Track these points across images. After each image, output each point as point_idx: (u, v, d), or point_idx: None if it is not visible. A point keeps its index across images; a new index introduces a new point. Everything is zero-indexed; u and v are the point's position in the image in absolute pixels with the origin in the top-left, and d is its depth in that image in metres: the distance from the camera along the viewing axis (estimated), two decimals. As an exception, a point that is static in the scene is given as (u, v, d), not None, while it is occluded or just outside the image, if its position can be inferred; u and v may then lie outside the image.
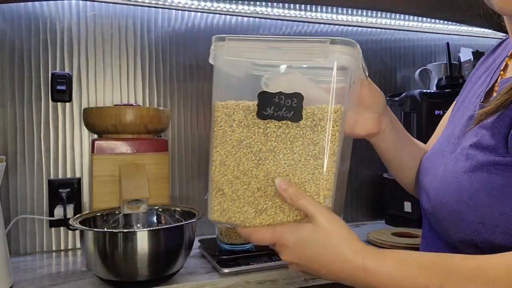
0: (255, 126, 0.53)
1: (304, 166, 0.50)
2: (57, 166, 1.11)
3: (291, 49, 0.52)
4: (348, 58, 0.50)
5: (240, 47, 0.57)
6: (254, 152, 0.54)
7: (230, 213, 0.57)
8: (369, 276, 0.45)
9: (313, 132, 0.50)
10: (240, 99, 0.55)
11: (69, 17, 1.12)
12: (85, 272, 0.91)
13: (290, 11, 1.33)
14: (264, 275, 0.88)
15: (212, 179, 0.61)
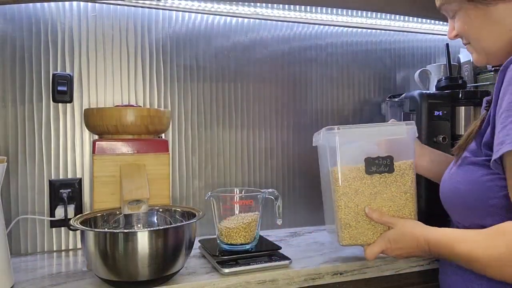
0: (365, 179, 0.86)
1: (399, 199, 0.86)
2: (58, 167, 1.11)
3: (383, 130, 0.90)
4: (414, 132, 0.88)
5: (350, 133, 0.88)
6: (366, 195, 0.86)
7: (356, 238, 0.87)
8: (432, 246, 0.73)
9: (402, 178, 0.86)
10: (351, 164, 0.87)
11: (70, 18, 1.13)
12: (86, 272, 0.91)
13: (290, 12, 1.33)
14: (264, 275, 0.88)
15: (340, 217, 0.87)
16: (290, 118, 1.36)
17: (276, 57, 1.35)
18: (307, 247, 1.10)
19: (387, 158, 0.86)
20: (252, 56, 1.32)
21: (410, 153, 0.87)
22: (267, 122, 1.34)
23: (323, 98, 1.41)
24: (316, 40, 1.40)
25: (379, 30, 1.48)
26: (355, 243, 0.87)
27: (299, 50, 1.38)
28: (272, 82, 1.35)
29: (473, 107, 1.18)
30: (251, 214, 0.99)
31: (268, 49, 1.34)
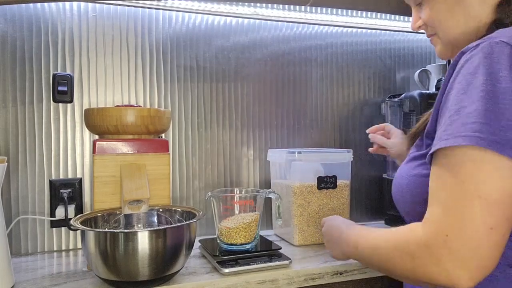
0: (316, 193, 1.14)
1: (339, 208, 1.16)
2: (58, 167, 1.12)
3: (330, 156, 1.20)
4: (351, 157, 1.22)
5: (306, 157, 1.14)
6: (316, 206, 1.14)
7: (307, 239, 1.13)
8: (348, 236, 0.74)
9: (341, 193, 1.17)
10: (304, 180, 1.14)
11: (71, 18, 1.13)
12: (86, 272, 0.91)
13: (290, 12, 1.33)
14: (264, 275, 0.88)
15: (295, 223, 1.12)
16: (290, 118, 1.37)
17: (276, 57, 1.35)
18: (307, 247, 1.11)
19: (333, 177, 1.15)
20: (252, 56, 1.32)
21: (348, 174, 1.19)
22: (267, 122, 1.34)
23: (323, 98, 1.41)
24: (316, 40, 1.40)
25: (379, 30, 1.48)
26: (307, 243, 1.13)
27: (299, 50, 1.38)
28: (272, 82, 1.35)
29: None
30: (251, 214, 0.99)
31: (268, 49, 1.34)
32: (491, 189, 0.50)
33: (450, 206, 0.51)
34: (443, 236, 0.51)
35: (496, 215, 0.49)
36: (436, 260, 0.51)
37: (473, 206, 0.50)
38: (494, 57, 0.54)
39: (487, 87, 0.52)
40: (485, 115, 0.51)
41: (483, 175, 0.50)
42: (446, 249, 0.50)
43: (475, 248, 0.49)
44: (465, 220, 0.50)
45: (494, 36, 0.56)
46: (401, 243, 0.57)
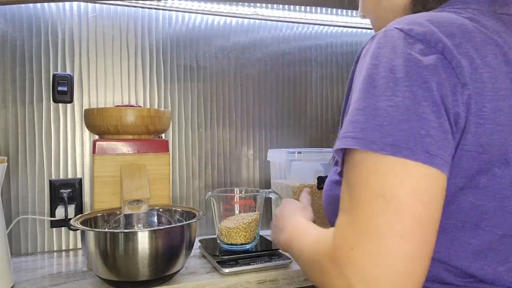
0: (316, 193, 1.11)
1: None
2: (58, 167, 1.12)
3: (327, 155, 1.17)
4: None
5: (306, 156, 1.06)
6: (316, 206, 1.09)
7: None
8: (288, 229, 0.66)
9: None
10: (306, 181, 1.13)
11: (71, 18, 1.13)
12: (86, 272, 0.91)
13: (290, 12, 1.33)
14: (264, 275, 0.88)
15: None
16: (290, 118, 1.37)
17: (276, 57, 1.35)
18: (307, 247, 1.11)
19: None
20: (252, 56, 1.32)
21: None
22: (267, 122, 1.34)
23: (323, 98, 1.41)
24: (316, 40, 1.41)
25: (379, 30, 1.48)
26: None
27: (299, 50, 1.38)
28: (272, 82, 1.35)
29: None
30: (251, 214, 0.99)
31: (268, 49, 1.34)
32: (394, 192, 0.42)
33: (354, 214, 0.44)
34: (349, 249, 0.43)
35: (405, 220, 0.41)
36: (343, 278, 0.43)
37: (378, 212, 0.42)
38: (387, 45, 0.48)
39: (379, 81, 0.46)
40: (369, 112, 0.45)
41: (379, 178, 0.44)
42: (351, 266, 0.42)
43: (384, 264, 0.41)
44: (370, 229, 0.42)
45: (392, 23, 0.52)
46: (313, 252, 0.51)
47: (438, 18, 0.51)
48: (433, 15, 0.52)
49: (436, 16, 0.52)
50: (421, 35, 0.48)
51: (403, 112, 0.44)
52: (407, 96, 0.45)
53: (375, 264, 0.41)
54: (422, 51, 0.47)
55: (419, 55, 0.47)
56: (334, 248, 0.45)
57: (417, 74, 0.46)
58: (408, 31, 0.49)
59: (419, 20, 0.50)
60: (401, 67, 0.46)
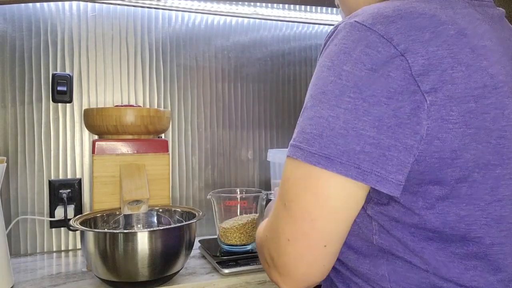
0: None
1: None
2: (57, 167, 1.11)
3: None
4: None
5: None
6: None
7: None
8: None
9: None
10: None
11: (70, 18, 1.13)
12: (86, 272, 0.91)
13: (290, 12, 1.33)
14: (264, 275, 0.88)
15: None
16: (291, 118, 1.36)
17: (276, 56, 1.35)
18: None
19: None
20: (252, 56, 1.32)
21: None
22: (267, 122, 1.33)
23: (323, 98, 1.41)
24: (316, 39, 1.40)
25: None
26: None
27: (299, 50, 1.38)
28: (272, 82, 1.34)
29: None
30: (249, 215, 0.99)
31: (268, 48, 1.34)
32: (295, 200, 0.47)
33: (274, 212, 0.52)
34: (269, 241, 0.51)
35: (294, 227, 0.47)
36: (270, 265, 0.52)
37: (278, 215, 0.50)
38: (343, 45, 0.45)
39: (328, 87, 0.45)
40: (314, 121, 0.45)
41: (298, 188, 0.47)
42: (268, 256, 0.51)
43: (284, 259, 0.48)
44: (273, 228, 0.50)
45: (355, 14, 0.48)
46: (258, 237, 0.57)
47: (407, 8, 0.45)
48: (403, 3, 0.47)
49: (406, 5, 0.46)
50: (383, 32, 0.43)
51: (341, 126, 0.43)
52: (349, 108, 0.43)
53: (278, 254, 0.49)
54: (379, 53, 0.43)
55: (374, 61, 0.43)
56: (261, 235, 0.54)
57: (366, 85, 0.43)
58: (370, 26, 0.44)
59: (386, 11, 0.45)
60: (350, 75, 0.44)
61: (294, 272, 0.48)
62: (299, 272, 0.48)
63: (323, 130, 0.44)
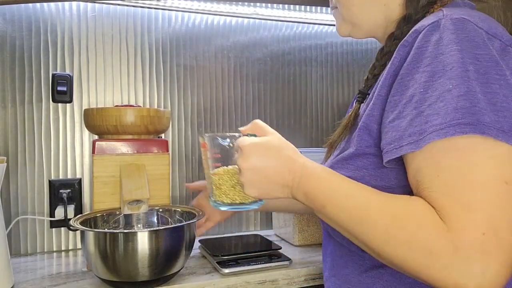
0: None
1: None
2: (57, 167, 1.11)
3: None
4: None
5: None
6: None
7: (308, 238, 1.12)
8: (305, 173, 0.56)
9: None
10: None
11: (70, 18, 1.13)
12: (86, 272, 0.91)
13: (290, 12, 1.33)
14: (264, 275, 0.88)
15: (296, 224, 1.11)
16: (291, 118, 1.36)
17: (276, 56, 1.35)
18: (307, 247, 1.10)
19: None
20: (252, 56, 1.32)
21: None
22: (267, 122, 1.33)
23: (323, 97, 1.41)
24: (316, 39, 1.40)
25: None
26: (307, 243, 1.12)
27: (299, 50, 1.38)
28: (272, 82, 1.35)
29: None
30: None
31: (268, 48, 1.34)
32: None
33: (472, 198, 0.44)
34: (480, 235, 0.43)
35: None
36: (467, 264, 0.43)
37: (504, 198, 0.44)
38: (464, 34, 0.49)
39: (469, 67, 0.47)
40: (478, 97, 0.45)
41: (496, 162, 0.44)
42: (479, 252, 0.43)
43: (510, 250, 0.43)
44: (495, 215, 0.43)
45: (447, 13, 0.51)
46: (417, 233, 0.46)
47: (481, 14, 0.54)
48: (467, 10, 0.56)
49: (473, 11, 0.55)
50: (487, 29, 0.50)
51: (503, 99, 0.46)
52: (503, 84, 0.47)
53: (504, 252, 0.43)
54: (496, 43, 0.49)
55: (496, 48, 0.49)
56: (460, 234, 0.44)
57: (503, 65, 0.48)
58: (475, 23, 0.50)
59: (470, 12, 0.52)
60: (487, 56, 0.48)
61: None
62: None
63: (485, 105, 0.45)
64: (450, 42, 0.48)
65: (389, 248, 0.48)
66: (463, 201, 0.45)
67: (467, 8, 0.57)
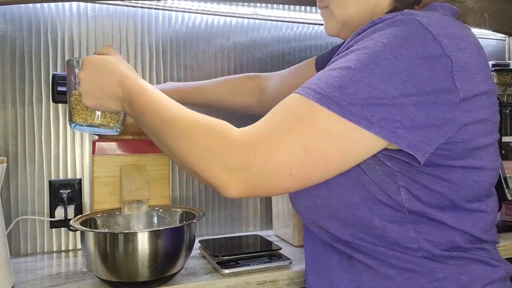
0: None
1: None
2: (58, 167, 1.11)
3: None
4: None
5: None
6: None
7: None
8: (135, 87, 0.64)
9: None
10: None
11: (70, 18, 1.13)
12: (86, 273, 0.91)
13: (290, 12, 1.33)
14: (264, 275, 0.88)
15: (296, 224, 1.09)
16: (290, 118, 1.36)
17: (276, 57, 1.35)
18: (307, 248, 1.10)
19: None
20: (252, 56, 1.32)
21: None
22: (267, 122, 1.33)
23: (323, 98, 1.41)
24: (316, 40, 1.40)
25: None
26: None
27: (300, 50, 1.38)
28: (272, 82, 1.34)
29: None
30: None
31: (268, 49, 1.34)
32: (317, 138, 0.51)
33: (277, 125, 0.54)
34: (255, 140, 0.54)
35: (311, 158, 0.51)
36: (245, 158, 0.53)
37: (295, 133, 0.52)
38: (403, 33, 0.52)
39: (380, 61, 0.51)
40: (356, 85, 0.50)
41: (317, 127, 0.51)
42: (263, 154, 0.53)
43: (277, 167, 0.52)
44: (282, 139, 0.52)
45: (407, 13, 0.55)
46: (205, 133, 0.57)
47: (447, 20, 0.56)
48: (440, 15, 0.58)
49: (444, 17, 0.57)
50: (436, 33, 0.52)
51: (389, 98, 0.50)
52: (399, 87, 0.50)
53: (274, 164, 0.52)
54: (432, 49, 0.51)
55: (426, 54, 0.51)
56: (249, 136, 0.54)
57: (417, 73, 0.51)
58: (427, 26, 0.52)
59: (435, 18, 0.55)
60: (406, 59, 0.51)
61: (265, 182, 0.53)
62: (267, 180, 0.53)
63: (369, 98, 0.50)
64: (384, 34, 0.52)
65: (180, 145, 0.57)
66: (268, 117, 0.56)
67: (439, 13, 0.59)
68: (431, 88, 0.50)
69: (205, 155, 0.54)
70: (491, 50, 1.65)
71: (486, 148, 0.56)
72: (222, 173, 0.53)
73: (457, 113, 0.52)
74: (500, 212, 1.23)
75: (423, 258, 0.58)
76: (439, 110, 0.51)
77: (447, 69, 0.51)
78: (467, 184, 0.56)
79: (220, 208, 1.27)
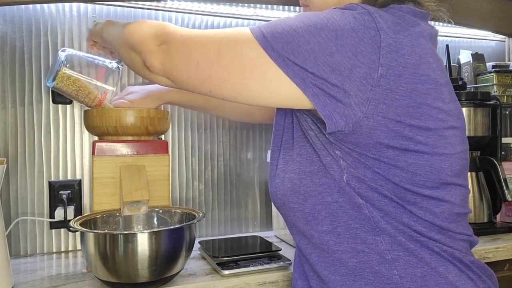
0: None
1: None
2: (57, 168, 1.11)
3: None
4: None
5: None
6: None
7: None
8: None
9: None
10: None
11: (70, 19, 1.13)
12: (86, 274, 0.91)
13: (290, 13, 1.33)
14: (264, 276, 0.88)
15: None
16: (290, 119, 1.36)
17: (276, 58, 1.35)
18: (307, 249, 1.10)
19: None
20: (252, 57, 1.32)
21: None
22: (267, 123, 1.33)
23: (323, 99, 1.41)
24: (316, 41, 1.40)
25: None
26: None
27: (299, 51, 1.38)
28: (272, 83, 1.34)
29: (474, 108, 1.18)
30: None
31: (268, 50, 1.34)
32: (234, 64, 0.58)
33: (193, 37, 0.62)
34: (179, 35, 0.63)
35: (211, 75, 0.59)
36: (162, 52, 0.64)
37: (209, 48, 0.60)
38: (342, 9, 0.58)
39: (315, 17, 0.57)
40: (292, 34, 0.56)
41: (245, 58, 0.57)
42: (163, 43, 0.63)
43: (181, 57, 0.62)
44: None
45: (361, 5, 0.60)
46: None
47: (390, 10, 0.61)
48: (386, 10, 0.61)
49: (388, 11, 0.61)
50: (373, 12, 0.57)
51: (307, 49, 0.54)
52: (320, 42, 0.55)
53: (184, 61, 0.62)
54: (364, 21, 0.55)
55: (357, 24, 0.55)
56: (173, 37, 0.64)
57: (342, 36, 0.55)
58: (366, 8, 0.57)
59: (383, 14, 0.59)
60: (335, 22, 0.56)
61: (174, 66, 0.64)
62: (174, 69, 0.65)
63: (291, 42, 0.55)
64: (333, 12, 0.58)
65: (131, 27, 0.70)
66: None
67: (401, 13, 0.61)
68: (352, 54, 0.54)
69: (145, 34, 0.66)
70: (491, 51, 1.66)
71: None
72: (151, 40, 0.64)
73: (374, 88, 0.54)
74: (500, 213, 1.23)
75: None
76: (355, 79, 0.54)
77: (375, 43, 0.54)
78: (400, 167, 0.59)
79: (220, 209, 1.27)
